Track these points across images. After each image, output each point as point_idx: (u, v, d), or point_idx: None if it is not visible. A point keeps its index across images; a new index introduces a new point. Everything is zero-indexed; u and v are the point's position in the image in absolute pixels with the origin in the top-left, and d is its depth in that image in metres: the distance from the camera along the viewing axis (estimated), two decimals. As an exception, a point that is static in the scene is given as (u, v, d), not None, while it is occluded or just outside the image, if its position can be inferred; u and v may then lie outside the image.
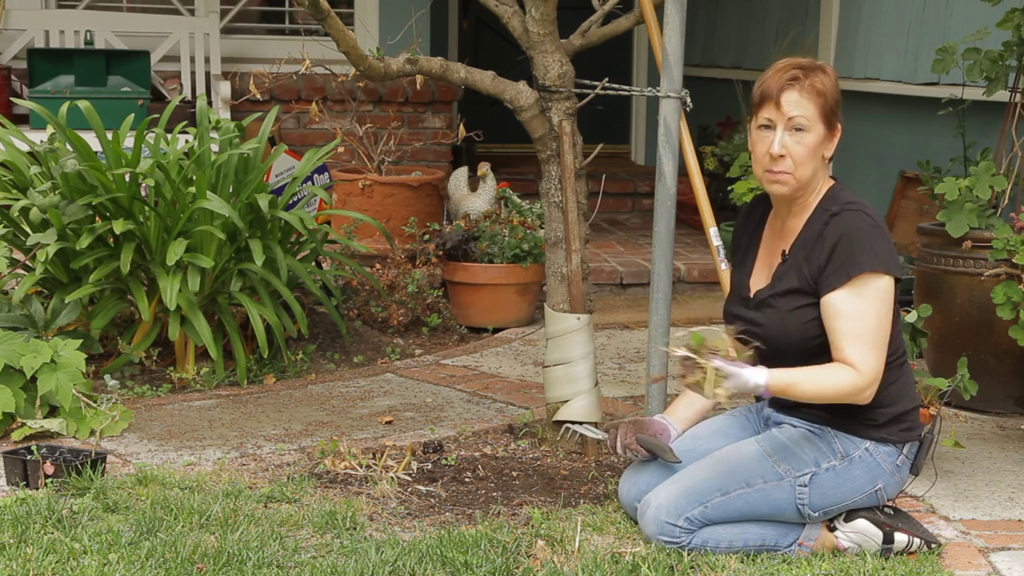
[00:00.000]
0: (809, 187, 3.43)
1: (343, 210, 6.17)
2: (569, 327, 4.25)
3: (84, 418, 4.39)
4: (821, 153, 3.41)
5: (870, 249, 3.31)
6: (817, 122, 3.37)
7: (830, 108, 3.39)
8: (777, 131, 3.38)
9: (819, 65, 3.43)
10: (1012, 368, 4.74)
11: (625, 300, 6.77)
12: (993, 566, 3.43)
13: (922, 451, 3.49)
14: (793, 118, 3.36)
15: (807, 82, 3.37)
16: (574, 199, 4.21)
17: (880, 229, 3.36)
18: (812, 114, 3.36)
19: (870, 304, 3.29)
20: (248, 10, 8.37)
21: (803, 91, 3.36)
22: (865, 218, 3.36)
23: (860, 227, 3.34)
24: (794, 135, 3.37)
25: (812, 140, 3.37)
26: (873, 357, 3.29)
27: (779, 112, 3.37)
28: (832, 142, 3.43)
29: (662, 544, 3.38)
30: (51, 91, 7.11)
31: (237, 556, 3.30)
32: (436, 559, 3.30)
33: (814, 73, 3.39)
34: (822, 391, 3.31)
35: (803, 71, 3.39)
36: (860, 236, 3.33)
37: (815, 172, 3.41)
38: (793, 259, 3.42)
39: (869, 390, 3.30)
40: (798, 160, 3.38)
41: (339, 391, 5.07)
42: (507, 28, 4.27)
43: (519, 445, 4.36)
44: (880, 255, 3.31)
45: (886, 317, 3.32)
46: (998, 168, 4.93)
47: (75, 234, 4.99)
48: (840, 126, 3.43)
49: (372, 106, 7.87)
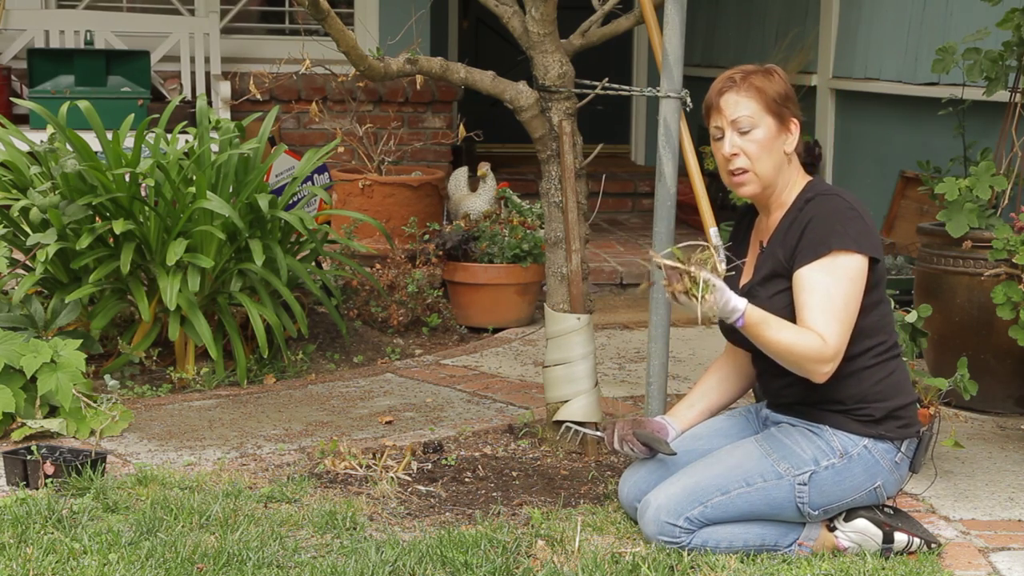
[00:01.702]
0: (777, 183, 3.46)
1: (343, 210, 6.17)
2: (569, 327, 4.25)
3: (84, 418, 4.39)
4: (779, 148, 3.45)
5: (840, 228, 3.32)
6: (763, 117, 3.42)
7: (774, 102, 3.43)
8: (726, 134, 3.43)
9: (760, 68, 3.47)
10: (1012, 368, 4.74)
11: (625, 300, 6.77)
12: (993, 566, 3.43)
13: (921, 448, 3.49)
14: (736, 119, 3.42)
15: (743, 83, 3.42)
16: (574, 199, 4.21)
17: (854, 211, 3.37)
18: (755, 111, 3.42)
19: (837, 280, 3.30)
20: (248, 10, 8.37)
21: (740, 91, 3.42)
22: (839, 201, 3.39)
23: (832, 208, 3.37)
24: (743, 136, 3.42)
25: (762, 135, 3.42)
26: (838, 330, 3.28)
27: (722, 116, 3.44)
28: (789, 136, 3.46)
29: (662, 544, 3.39)
30: (51, 91, 7.11)
31: (237, 556, 3.30)
32: (436, 559, 3.30)
33: (752, 74, 3.44)
34: (788, 345, 3.28)
35: (741, 73, 3.46)
36: (831, 216, 3.35)
37: (778, 167, 3.45)
38: (770, 248, 3.46)
39: (830, 364, 3.28)
40: (752, 155, 3.42)
41: (339, 391, 5.07)
42: (507, 28, 4.27)
43: (519, 445, 4.36)
44: (851, 234, 3.32)
45: (854, 296, 3.31)
46: (998, 168, 4.93)
47: (75, 234, 4.99)
48: (797, 120, 3.46)
49: (372, 106, 7.87)
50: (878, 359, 3.40)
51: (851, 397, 3.39)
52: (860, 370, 3.39)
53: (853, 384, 3.39)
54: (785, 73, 3.51)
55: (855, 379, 3.39)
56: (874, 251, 3.34)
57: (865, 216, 3.39)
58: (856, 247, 3.31)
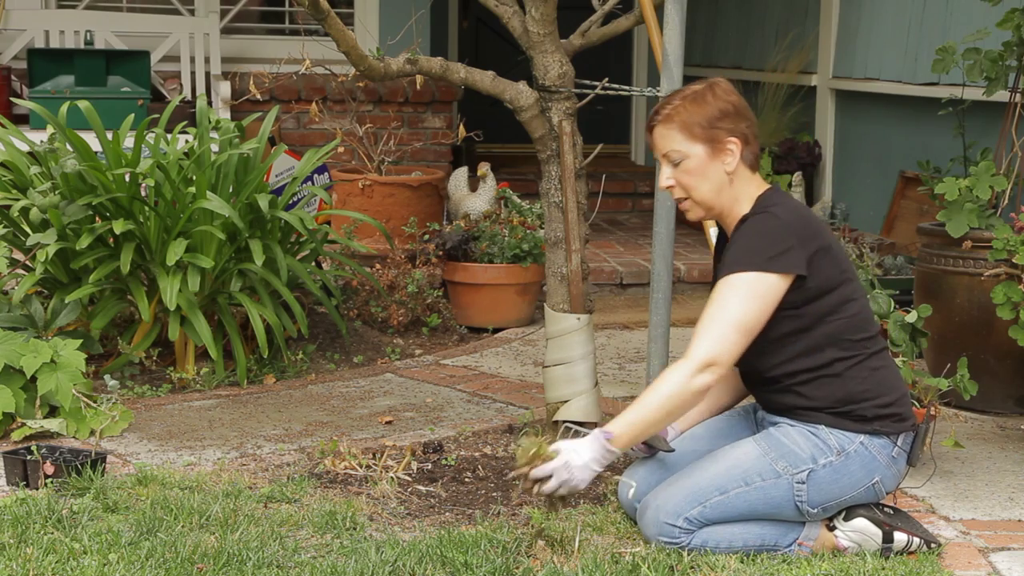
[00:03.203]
0: (723, 203, 3.47)
1: (343, 210, 6.17)
2: (569, 327, 4.25)
3: (84, 418, 4.39)
4: (717, 171, 3.44)
5: (753, 247, 3.33)
6: (691, 146, 3.43)
7: (699, 127, 3.42)
8: (661, 167, 3.50)
9: (691, 92, 3.46)
10: (1012, 368, 4.74)
11: (625, 300, 6.77)
12: (993, 566, 3.43)
13: (917, 441, 3.49)
14: (667, 154, 3.47)
15: (667, 118, 3.44)
16: (574, 199, 4.22)
17: (781, 229, 3.34)
18: (679, 141, 3.44)
19: (734, 292, 3.32)
20: (248, 10, 8.37)
21: (666, 125, 3.46)
22: (767, 220, 3.38)
23: (754, 230, 3.39)
24: (676, 168, 3.46)
25: (693, 164, 3.44)
26: (711, 339, 3.30)
27: (656, 149, 3.50)
28: (725, 155, 3.43)
29: (662, 545, 3.39)
30: (51, 91, 7.11)
31: (237, 556, 3.30)
32: (436, 559, 3.30)
33: (679, 104, 3.44)
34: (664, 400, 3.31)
35: (665, 103, 3.47)
36: (750, 237, 3.37)
37: (718, 190, 3.45)
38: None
39: (706, 373, 3.29)
40: (687, 185, 3.46)
41: (339, 391, 5.07)
42: (507, 28, 4.27)
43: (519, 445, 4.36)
44: (763, 254, 3.31)
45: (754, 309, 3.31)
46: (998, 168, 4.93)
47: (75, 234, 4.99)
48: (737, 138, 3.43)
49: (372, 106, 7.87)
50: (856, 359, 3.41)
51: (839, 400, 3.41)
52: (838, 375, 3.40)
53: (837, 388, 3.40)
54: (727, 87, 3.49)
55: (838, 383, 3.40)
56: (791, 268, 3.32)
57: (797, 232, 3.36)
58: (766, 267, 3.31)
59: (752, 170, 3.48)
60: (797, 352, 3.39)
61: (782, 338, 3.38)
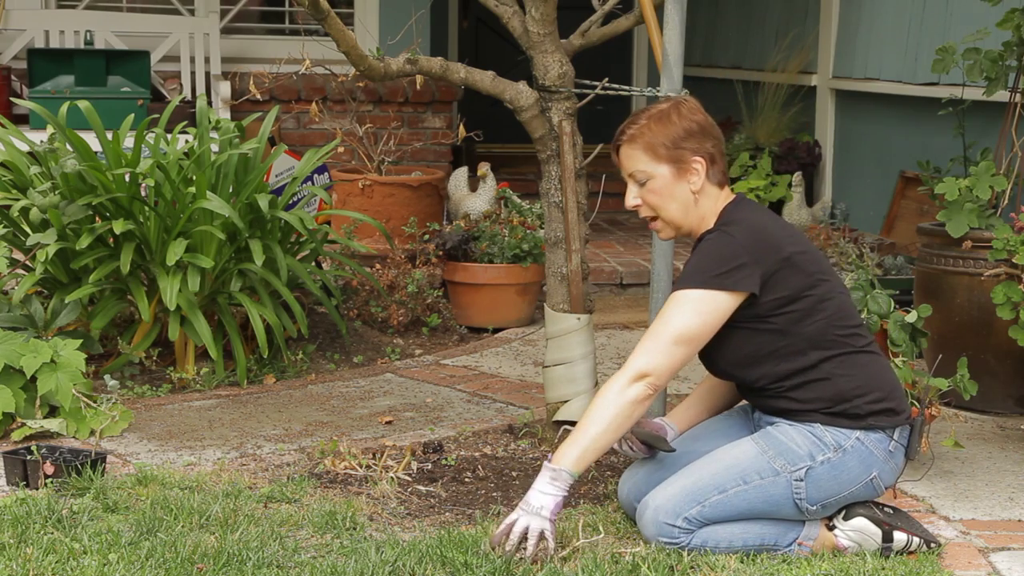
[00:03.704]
0: (690, 224, 3.50)
1: (343, 210, 6.17)
2: (569, 327, 4.25)
3: (84, 418, 4.39)
4: (683, 191, 3.46)
5: (703, 266, 3.37)
6: (656, 166, 3.45)
7: (666, 148, 3.44)
8: (629, 186, 3.52)
9: (657, 111, 3.48)
10: (1012, 368, 4.74)
11: (625, 300, 6.77)
12: (993, 566, 3.43)
13: (914, 435, 3.49)
14: (632, 174, 3.50)
15: (632, 139, 3.47)
16: (574, 199, 4.21)
17: (729, 248, 3.36)
18: (644, 162, 3.46)
19: (677, 307, 3.36)
20: (248, 10, 8.37)
21: (626, 145, 3.49)
22: (718, 238, 3.40)
23: (704, 250, 3.43)
24: (642, 187, 3.49)
25: (658, 184, 3.46)
26: (645, 350, 3.35)
27: (622, 170, 3.53)
28: (691, 175, 3.45)
29: (661, 545, 3.39)
30: (51, 91, 7.11)
31: (237, 556, 3.30)
32: (436, 559, 3.30)
33: (644, 125, 3.46)
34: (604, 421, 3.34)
35: (630, 122, 3.49)
36: (702, 256, 3.41)
37: (685, 209, 3.48)
38: None
39: (640, 384, 3.33)
40: (654, 205, 3.49)
41: (339, 391, 5.07)
42: (507, 28, 4.27)
43: (519, 445, 4.36)
44: (710, 272, 3.34)
45: (695, 324, 3.34)
46: (998, 168, 4.93)
47: (75, 234, 4.99)
48: (702, 157, 3.44)
49: (372, 106, 7.87)
50: (842, 357, 3.42)
51: (831, 400, 3.41)
52: (825, 377, 3.41)
53: (827, 388, 3.41)
54: (693, 106, 3.49)
55: (827, 383, 3.41)
56: (741, 287, 3.33)
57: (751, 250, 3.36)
58: (714, 286, 3.33)
59: (720, 187, 3.50)
60: (780, 359, 3.40)
61: (762, 349, 3.41)
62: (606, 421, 3.34)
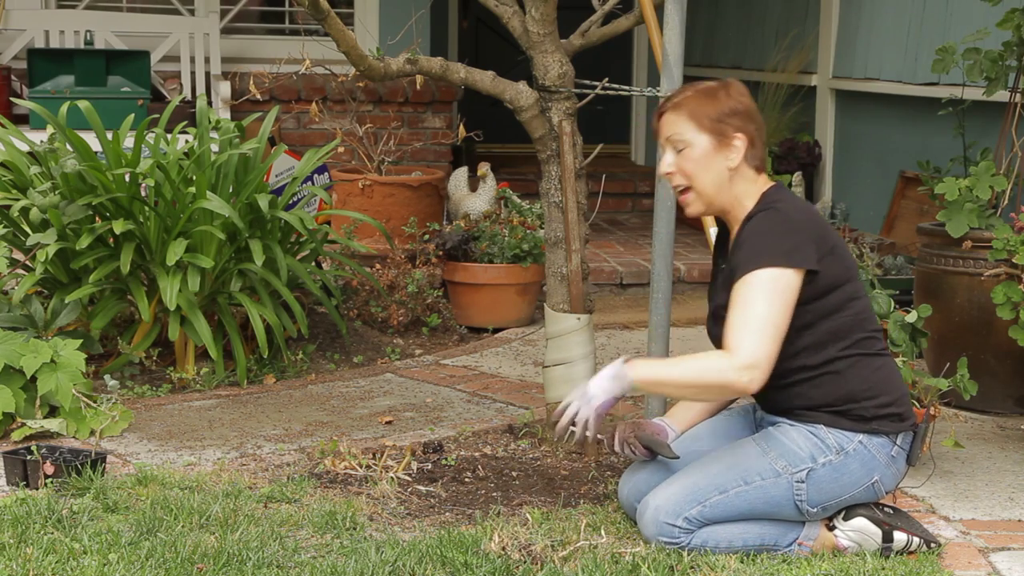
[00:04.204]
0: (724, 199, 3.46)
1: (343, 210, 6.17)
2: (569, 327, 4.25)
3: (84, 418, 4.39)
4: (719, 166, 3.43)
5: (768, 245, 3.32)
6: (696, 134, 3.42)
7: (707, 118, 3.42)
8: (664, 153, 3.48)
9: (706, 87, 3.48)
10: (1012, 368, 4.74)
11: (625, 300, 6.77)
12: (993, 566, 3.43)
13: (916, 441, 3.49)
14: (669, 138, 3.47)
15: (678, 104, 3.45)
16: (574, 199, 4.22)
17: (789, 224, 3.35)
18: (686, 128, 3.43)
19: (758, 292, 3.30)
20: (248, 10, 8.37)
21: (671, 111, 3.46)
22: (773, 216, 3.38)
23: (763, 227, 3.38)
24: (678, 154, 3.45)
25: (696, 153, 3.43)
26: (750, 341, 3.27)
27: (661, 136, 3.49)
28: (730, 151, 3.43)
29: (661, 544, 3.39)
30: (51, 91, 7.11)
31: (237, 556, 3.30)
32: (436, 559, 3.30)
33: (692, 95, 3.46)
34: (690, 375, 3.34)
35: (678, 92, 3.50)
36: (761, 234, 3.36)
37: (718, 185, 3.44)
38: (727, 267, 3.47)
39: (746, 374, 3.27)
40: (688, 173, 3.44)
41: (339, 391, 5.07)
42: (507, 28, 4.27)
43: (519, 445, 4.36)
44: (779, 249, 3.31)
45: (779, 307, 3.29)
46: (998, 168, 4.93)
47: (75, 234, 4.99)
48: (744, 135, 3.42)
49: (372, 106, 7.87)
50: (857, 358, 3.41)
51: (839, 399, 3.40)
52: (842, 372, 3.40)
53: (838, 386, 3.40)
54: (741, 89, 3.49)
55: (839, 381, 3.40)
56: (807, 262, 3.32)
57: (805, 227, 3.36)
58: (783, 263, 3.30)
59: (756, 172, 3.47)
60: (799, 349, 3.38)
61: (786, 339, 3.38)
62: (691, 380, 3.34)
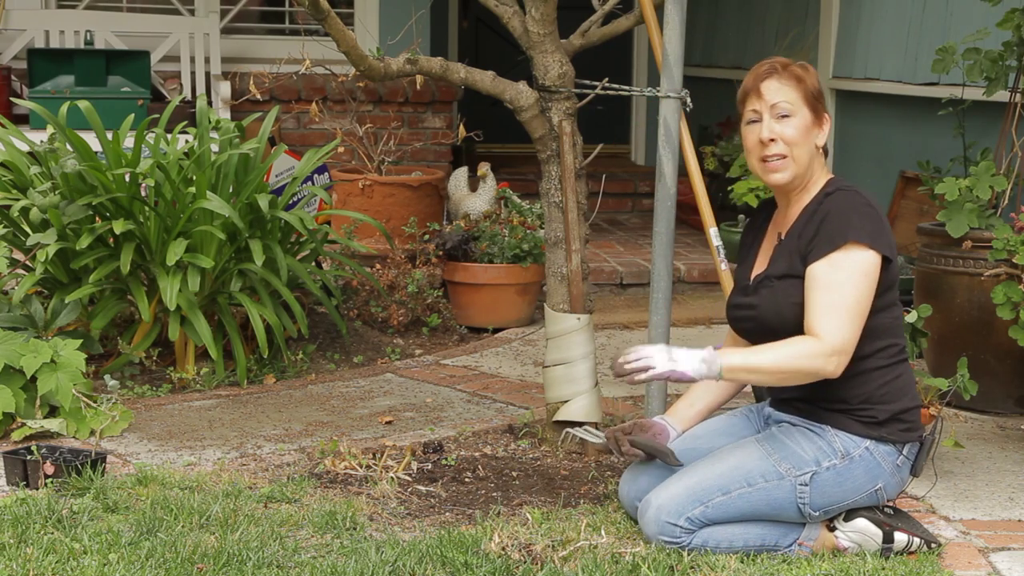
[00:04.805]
0: (807, 174, 3.46)
1: (343, 210, 6.17)
2: (569, 327, 4.25)
3: (84, 418, 4.39)
4: (812, 140, 3.44)
5: (857, 223, 3.33)
6: (801, 106, 3.43)
7: (812, 94, 3.44)
8: (764, 119, 3.44)
9: (798, 62, 3.50)
10: (1012, 368, 4.74)
11: (625, 300, 6.77)
12: (993, 566, 3.43)
13: (922, 452, 3.48)
14: (776, 104, 3.42)
15: (785, 71, 3.45)
16: (574, 199, 4.22)
17: (872, 208, 3.37)
18: (795, 98, 3.43)
19: (848, 275, 3.30)
20: (248, 10, 8.37)
21: (782, 78, 3.44)
22: (858, 197, 3.40)
23: (850, 204, 3.37)
24: (781, 121, 3.42)
25: (800, 123, 3.43)
26: (838, 325, 3.27)
27: (762, 101, 3.44)
28: (821, 130, 3.46)
29: (662, 544, 3.38)
30: (51, 91, 7.11)
31: (237, 556, 3.30)
32: (436, 559, 3.30)
33: (792, 65, 3.47)
34: (781, 362, 3.32)
35: (780, 63, 3.48)
36: (848, 211, 3.35)
37: (811, 159, 3.44)
38: (788, 241, 3.46)
39: (835, 359, 3.27)
40: (790, 141, 3.42)
41: (339, 391, 5.07)
42: (507, 28, 4.27)
43: (519, 445, 4.36)
44: (866, 229, 3.32)
45: (865, 291, 3.31)
46: (998, 168, 4.93)
47: (75, 234, 4.99)
48: (828, 117, 3.47)
49: (372, 106, 7.87)
50: (887, 361, 3.40)
51: (856, 397, 3.39)
52: (868, 371, 3.39)
53: (859, 384, 3.39)
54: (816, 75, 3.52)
55: (862, 379, 3.39)
56: (888, 250, 3.34)
57: (880, 214, 3.39)
58: (871, 243, 3.31)
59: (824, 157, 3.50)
60: None
61: None
62: (781, 366, 3.32)
